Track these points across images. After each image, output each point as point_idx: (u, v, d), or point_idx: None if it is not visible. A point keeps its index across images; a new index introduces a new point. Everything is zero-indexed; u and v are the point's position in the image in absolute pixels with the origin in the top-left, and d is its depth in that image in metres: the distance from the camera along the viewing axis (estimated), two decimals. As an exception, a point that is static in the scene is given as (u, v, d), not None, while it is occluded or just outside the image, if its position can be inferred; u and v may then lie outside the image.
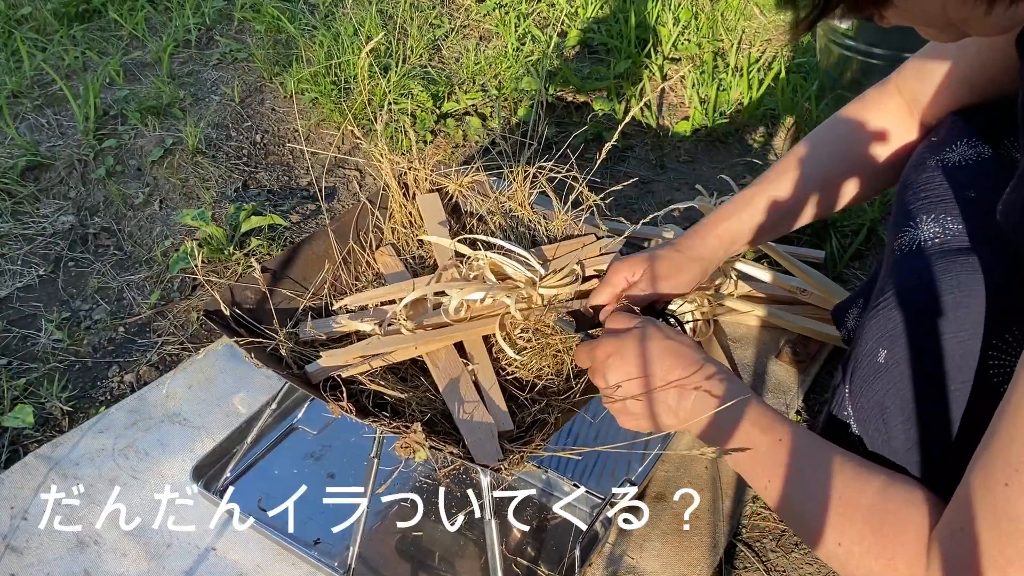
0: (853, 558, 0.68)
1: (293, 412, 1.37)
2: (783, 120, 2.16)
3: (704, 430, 0.81)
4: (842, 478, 0.70)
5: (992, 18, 0.62)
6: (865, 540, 0.67)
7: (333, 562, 1.12)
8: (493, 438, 0.92)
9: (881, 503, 0.68)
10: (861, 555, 0.67)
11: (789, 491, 0.74)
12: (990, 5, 0.60)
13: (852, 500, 0.69)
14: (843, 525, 0.69)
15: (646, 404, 0.82)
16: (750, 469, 0.78)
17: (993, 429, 0.60)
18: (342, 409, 0.90)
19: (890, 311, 0.75)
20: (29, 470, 1.28)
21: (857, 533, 0.68)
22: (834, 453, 0.73)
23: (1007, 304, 0.64)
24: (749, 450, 0.77)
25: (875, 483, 0.69)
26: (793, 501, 0.74)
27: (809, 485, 0.72)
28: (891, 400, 0.74)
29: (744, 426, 0.77)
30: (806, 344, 1.45)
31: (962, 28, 0.65)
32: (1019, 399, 0.57)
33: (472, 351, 1.05)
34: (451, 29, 2.62)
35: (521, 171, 1.23)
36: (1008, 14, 0.61)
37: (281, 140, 2.16)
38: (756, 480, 0.78)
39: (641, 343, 0.82)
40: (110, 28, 2.66)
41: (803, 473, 0.73)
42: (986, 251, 0.71)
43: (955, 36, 0.67)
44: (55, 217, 1.88)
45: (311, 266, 1.15)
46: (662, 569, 1.13)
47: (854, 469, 0.71)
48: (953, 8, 0.62)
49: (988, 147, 0.82)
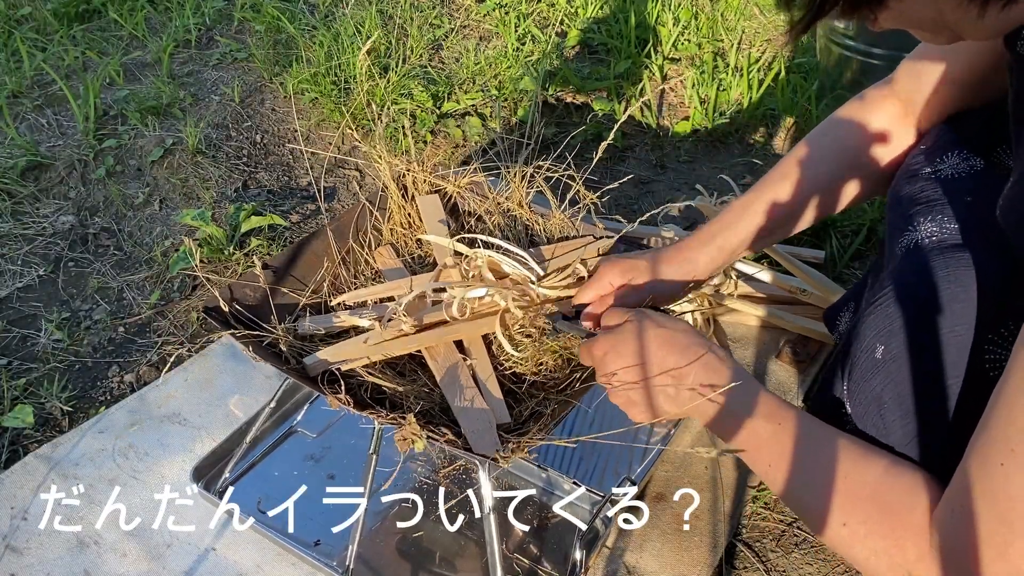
0: (858, 538, 0.68)
1: (293, 414, 1.37)
2: (783, 120, 2.16)
3: (705, 416, 0.81)
4: (845, 460, 0.71)
5: (985, 21, 0.62)
6: (871, 520, 0.67)
7: (332, 562, 1.12)
8: (491, 429, 0.92)
9: (886, 484, 0.68)
10: (866, 535, 0.67)
11: (792, 475, 0.74)
12: (983, 7, 0.60)
13: (856, 481, 0.69)
14: (848, 506, 0.69)
15: (646, 393, 0.82)
16: (752, 453, 0.79)
17: (989, 413, 0.60)
18: (340, 402, 0.90)
19: (887, 307, 0.75)
20: (29, 470, 1.28)
21: (863, 513, 0.68)
22: (837, 436, 0.74)
23: (1003, 299, 0.65)
24: (751, 433, 0.77)
25: (879, 465, 0.70)
26: (796, 484, 0.74)
27: (812, 468, 0.73)
28: (888, 395, 0.74)
29: (745, 411, 0.78)
30: (806, 344, 1.45)
31: (956, 31, 0.65)
32: (1014, 383, 0.58)
33: (470, 347, 1.05)
34: (451, 29, 2.62)
35: (519, 171, 1.23)
36: (1001, 16, 0.61)
37: (281, 140, 2.16)
38: (758, 464, 0.78)
39: (635, 335, 0.83)
40: (110, 28, 2.66)
41: (806, 456, 0.74)
42: (983, 248, 0.71)
43: (949, 39, 0.68)
44: (55, 217, 1.88)
45: (311, 265, 1.16)
46: (662, 569, 1.13)
47: (857, 451, 0.71)
48: (947, 11, 0.62)
49: (980, 159, 0.82)
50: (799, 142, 1.03)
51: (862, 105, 1.01)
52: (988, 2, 0.60)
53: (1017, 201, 0.66)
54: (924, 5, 0.63)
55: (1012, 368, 0.59)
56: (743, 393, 0.79)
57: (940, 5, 0.62)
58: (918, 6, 0.63)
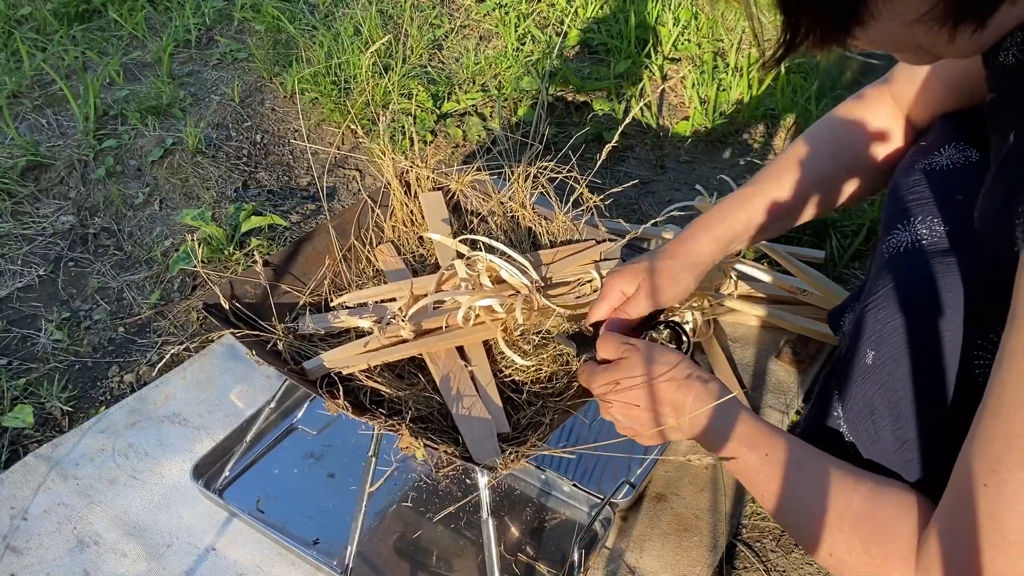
0: (845, 567, 0.70)
1: (293, 412, 1.37)
2: (783, 120, 2.16)
3: (703, 444, 0.85)
4: (829, 489, 0.72)
5: (957, 44, 0.62)
6: (854, 550, 0.69)
7: (332, 561, 1.12)
8: (492, 437, 0.92)
9: (868, 511, 0.69)
10: (852, 564, 0.69)
11: (780, 504, 0.76)
12: (953, 32, 0.61)
13: (839, 511, 0.71)
14: (832, 536, 0.70)
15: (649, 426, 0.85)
16: (746, 483, 0.81)
17: (972, 433, 0.61)
18: (338, 406, 0.90)
19: (877, 312, 0.76)
20: (29, 470, 1.28)
21: (846, 543, 0.69)
22: (821, 463, 0.75)
23: (991, 304, 0.65)
24: (739, 462, 0.79)
25: (862, 491, 0.71)
26: (785, 513, 0.76)
27: (797, 498, 0.74)
28: (879, 401, 0.75)
29: (732, 444, 0.80)
30: (806, 344, 1.45)
31: (932, 53, 0.66)
32: (993, 403, 0.59)
33: (471, 353, 1.05)
34: (451, 29, 2.62)
35: (522, 171, 1.23)
36: (974, 39, 0.62)
37: (281, 140, 2.16)
38: (753, 492, 0.81)
39: (632, 371, 0.85)
40: (110, 28, 2.66)
41: (791, 486, 0.75)
42: (971, 252, 0.72)
43: (928, 60, 0.68)
44: (55, 217, 1.88)
45: (312, 262, 1.15)
46: (662, 569, 1.13)
47: (841, 478, 0.72)
48: (919, 35, 0.63)
49: (975, 151, 0.82)
50: (797, 138, 1.03)
51: (860, 103, 1.01)
52: (957, 28, 0.60)
53: (988, 206, 0.67)
54: (896, 32, 0.63)
55: (991, 388, 0.60)
56: (731, 425, 0.80)
57: (913, 31, 0.62)
58: (890, 32, 0.63)
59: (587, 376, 0.90)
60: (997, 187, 0.66)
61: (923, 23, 0.61)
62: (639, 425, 0.85)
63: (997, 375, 0.59)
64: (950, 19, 0.60)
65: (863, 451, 0.78)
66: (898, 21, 0.62)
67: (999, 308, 0.61)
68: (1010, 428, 0.57)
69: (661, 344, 0.93)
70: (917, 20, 0.61)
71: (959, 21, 0.60)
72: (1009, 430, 0.57)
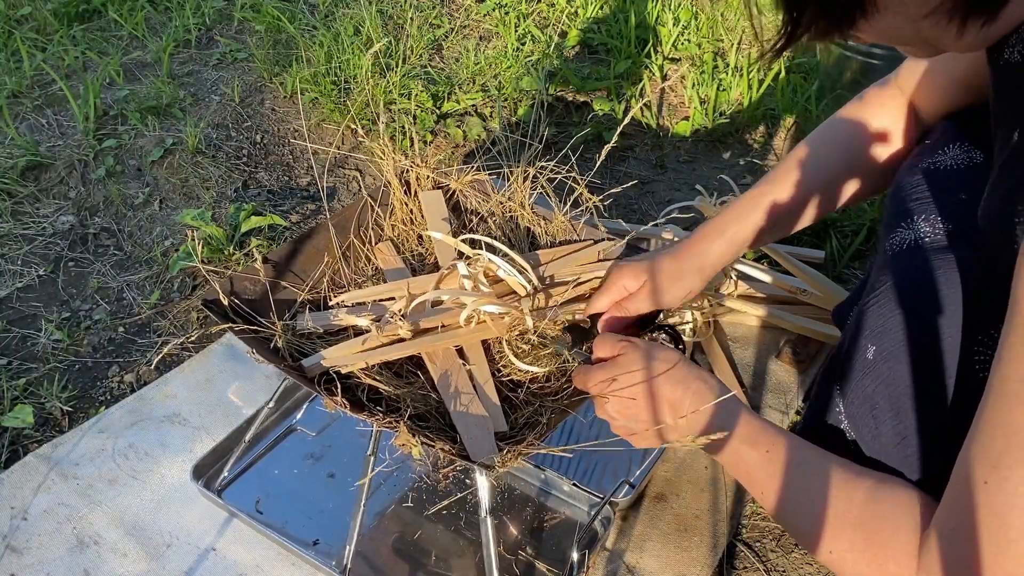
0: (847, 565, 0.69)
1: (293, 413, 1.37)
2: (783, 120, 2.16)
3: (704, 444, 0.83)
4: (830, 487, 0.72)
5: (965, 38, 0.62)
6: (855, 548, 0.68)
7: (331, 561, 1.12)
8: (489, 435, 0.92)
9: (870, 509, 0.69)
10: (854, 562, 0.69)
11: (780, 503, 0.75)
12: (962, 26, 0.60)
13: (840, 509, 0.70)
14: (833, 534, 0.70)
15: (646, 425, 0.84)
16: (745, 481, 0.80)
17: (973, 430, 0.61)
18: (336, 404, 0.90)
19: (879, 308, 0.75)
20: (29, 470, 1.28)
21: (847, 541, 0.69)
22: (822, 461, 0.74)
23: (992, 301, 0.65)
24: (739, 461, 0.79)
25: (863, 489, 0.70)
26: (785, 512, 0.75)
27: (798, 496, 0.74)
28: (880, 396, 0.75)
29: (732, 442, 0.79)
30: (806, 344, 1.45)
31: (936, 47, 0.65)
32: (993, 400, 0.59)
33: (469, 352, 1.05)
34: (451, 29, 2.62)
35: (521, 171, 1.23)
36: (981, 34, 0.61)
37: (281, 140, 2.16)
38: (752, 491, 0.80)
39: (629, 368, 0.84)
40: (110, 28, 2.66)
41: (791, 485, 0.75)
42: (973, 250, 0.72)
43: (931, 54, 0.68)
44: (55, 217, 1.88)
45: (311, 260, 1.15)
46: (662, 569, 1.13)
47: (842, 476, 0.72)
48: (924, 29, 0.62)
49: (980, 152, 0.82)
50: (802, 141, 1.03)
51: (862, 105, 1.01)
52: (967, 22, 0.60)
53: (991, 204, 0.67)
54: (900, 25, 0.63)
55: (991, 384, 0.59)
56: (732, 424, 0.80)
57: (917, 24, 0.62)
58: (894, 26, 0.63)
59: (582, 375, 0.88)
60: (1000, 185, 0.65)
61: (931, 17, 0.60)
62: (636, 423, 0.84)
63: (997, 371, 0.59)
64: (960, 12, 0.59)
65: (865, 448, 0.77)
66: (904, 15, 0.61)
67: (1000, 305, 0.61)
68: (1010, 424, 0.57)
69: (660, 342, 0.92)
70: (926, 15, 0.60)
71: (969, 14, 0.59)
72: (1009, 426, 0.57)
